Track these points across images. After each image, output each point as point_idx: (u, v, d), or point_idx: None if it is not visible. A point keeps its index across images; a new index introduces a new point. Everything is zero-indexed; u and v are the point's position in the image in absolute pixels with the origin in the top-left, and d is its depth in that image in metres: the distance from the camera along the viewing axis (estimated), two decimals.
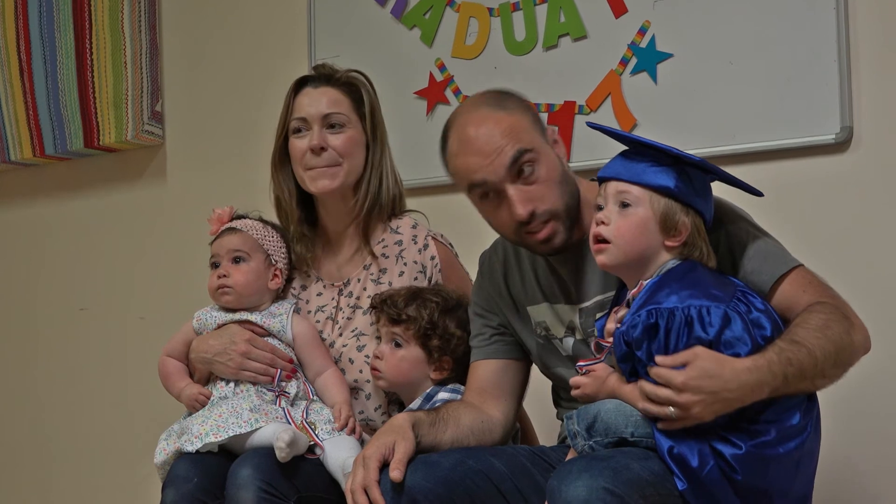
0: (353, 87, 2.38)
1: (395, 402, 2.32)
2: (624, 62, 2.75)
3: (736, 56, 2.59)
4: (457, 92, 2.99)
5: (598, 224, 1.82)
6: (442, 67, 3.02)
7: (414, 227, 2.40)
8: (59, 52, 3.64)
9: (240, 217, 2.39)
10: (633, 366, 1.75)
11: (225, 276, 2.30)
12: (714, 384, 1.66)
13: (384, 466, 1.89)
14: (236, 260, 2.31)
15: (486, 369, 2.17)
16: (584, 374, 1.84)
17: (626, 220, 1.79)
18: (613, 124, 2.73)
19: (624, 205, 1.80)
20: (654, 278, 1.79)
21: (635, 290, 1.80)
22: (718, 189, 1.94)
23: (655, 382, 1.70)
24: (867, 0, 2.47)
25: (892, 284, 2.45)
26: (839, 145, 2.49)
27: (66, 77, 3.63)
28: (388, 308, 2.23)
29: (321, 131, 2.33)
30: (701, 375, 1.66)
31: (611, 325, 1.82)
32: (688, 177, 1.80)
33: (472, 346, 2.21)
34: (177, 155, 3.58)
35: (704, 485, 1.68)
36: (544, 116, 2.86)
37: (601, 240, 1.81)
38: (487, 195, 1.98)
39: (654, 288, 1.76)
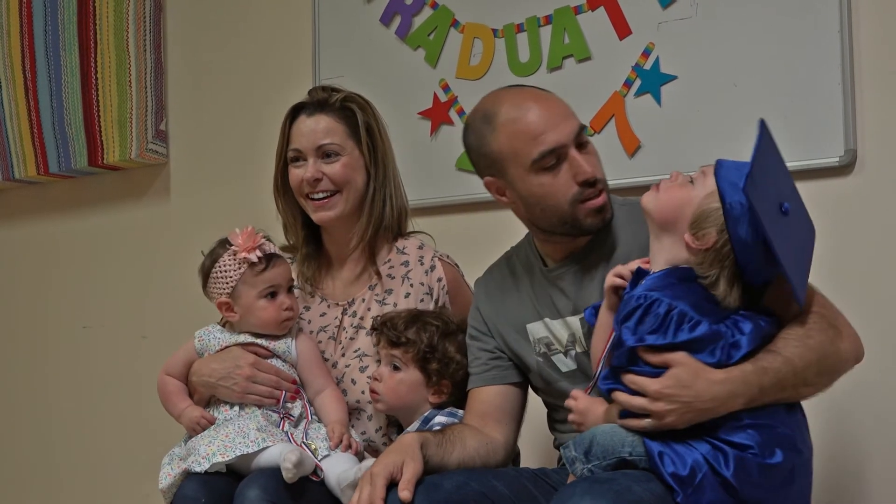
0: (349, 112, 2.36)
1: (393, 423, 2.32)
2: (628, 84, 2.75)
3: (740, 78, 2.60)
4: (461, 112, 2.99)
5: None
6: (446, 88, 3.03)
7: (420, 247, 2.40)
8: (63, 71, 3.65)
9: (268, 239, 2.34)
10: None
11: (291, 308, 2.29)
12: (687, 394, 1.71)
13: (391, 486, 1.89)
14: (290, 289, 2.32)
15: (485, 395, 2.18)
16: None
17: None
18: (616, 146, 2.74)
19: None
20: (660, 272, 1.81)
21: (645, 261, 1.84)
22: None
23: (631, 391, 1.75)
24: (871, 23, 2.48)
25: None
26: (843, 168, 2.48)
27: (70, 95, 3.64)
28: (387, 330, 2.22)
29: (316, 162, 2.33)
30: (676, 385, 1.71)
31: (612, 279, 1.87)
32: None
33: (470, 373, 2.20)
34: (181, 174, 3.58)
35: (700, 490, 1.69)
36: None
37: None
38: (550, 165, 2.00)
39: (652, 283, 1.79)
